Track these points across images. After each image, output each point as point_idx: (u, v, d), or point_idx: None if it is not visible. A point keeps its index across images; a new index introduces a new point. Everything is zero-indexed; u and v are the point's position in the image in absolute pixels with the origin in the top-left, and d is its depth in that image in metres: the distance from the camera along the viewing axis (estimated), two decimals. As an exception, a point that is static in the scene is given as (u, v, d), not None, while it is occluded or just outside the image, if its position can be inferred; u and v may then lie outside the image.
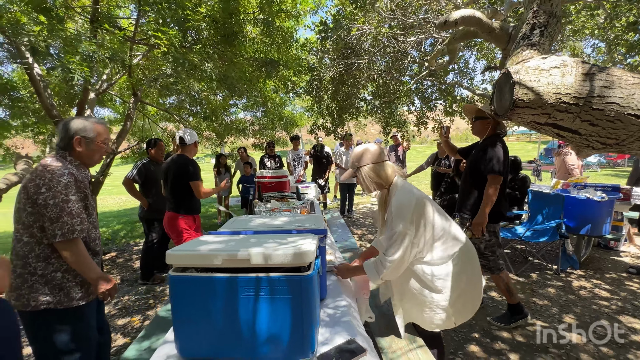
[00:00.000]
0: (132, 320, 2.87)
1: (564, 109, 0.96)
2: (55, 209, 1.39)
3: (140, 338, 1.79)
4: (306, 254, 1.00)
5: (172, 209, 2.99)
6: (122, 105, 7.01)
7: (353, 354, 1.08)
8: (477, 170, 2.39)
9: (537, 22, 1.42)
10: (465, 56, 5.19)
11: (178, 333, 1.07)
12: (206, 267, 1.05)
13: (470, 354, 2.23)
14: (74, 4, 3.95)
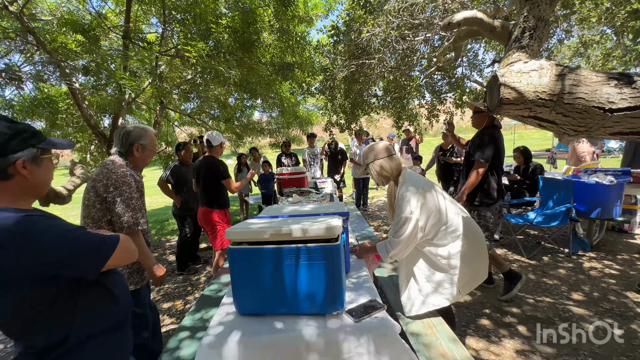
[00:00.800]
0: (175, 304, 3.24)
1: (541, 104, 1.18)
2: (122, 205, 1.70)
3: (192, 311, 2.10)
4: (335, 227, 1.26)
5: (205, 204, 3.32)
6: (147, 112, 7.47)
7: (374, 308, 1.34)
8: (468, 159, 2.69)
9: (527, 26, 1.63)
10: (474, 48, 5.30)
11: (236, 295, 1.36)
12: (256, 241, 1.33)
13: (481, 327, 2.45)
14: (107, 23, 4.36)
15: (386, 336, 1.22)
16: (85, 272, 0.93)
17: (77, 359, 0.93)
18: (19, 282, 0.83)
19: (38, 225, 0.86)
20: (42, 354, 0.90)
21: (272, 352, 1.19)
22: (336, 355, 1.18)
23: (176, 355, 1.65)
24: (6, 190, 0.89)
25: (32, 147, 0.91)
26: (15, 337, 0.92)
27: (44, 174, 0.96)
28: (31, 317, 0.87)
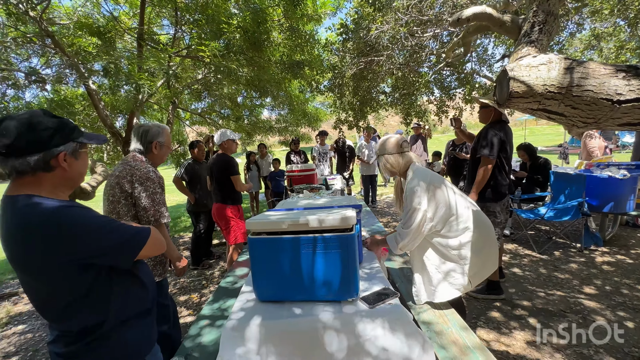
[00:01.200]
0: (191, 297, 3.35)
1: (550, 97, 1.22)
2: (147, 200, 1.79)
3: (210, 302, 2.19)
4: (350, 218, 1.33)
5: (219, 200, 3.42)
6: (159, 112, 7.63)
7: (388, 296, 1.40)
8: (474, 154, 2.68)
9: (536, 21, 1.65)
10: (483, 43, 5.28)
11: (256, 282, 1.44)
12: (274, 232, 1.39)
13: (492, 319, 2.48)
14: (122, 25, 4.49)
15: (399, 320, 1.28)
16: (120, 261, 0.99)
17: (111, 343, 0.98)
18: (60, 268, 0.89)
19: (79, 216, 0.92)
20: (78, 337, 0.95)
21: (292, 334, 1.26)
22: (352, 337, 1.25)
23: (198, 342, 1.74)
24: (47, 181, 0.94)
25: (73, 141, 0.97)
26: (54, 321, 0.97)
27: (80, 167, 1.02)
28: (70, 302, 0.93)
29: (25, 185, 0.91)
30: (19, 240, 0.88)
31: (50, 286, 0.91)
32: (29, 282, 0.95)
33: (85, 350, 0.95)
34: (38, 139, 0.89)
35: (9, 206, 0.90)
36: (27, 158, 0.88)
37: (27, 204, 0.88)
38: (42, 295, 0.95)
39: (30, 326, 3.03)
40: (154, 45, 3.93)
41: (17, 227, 0.88)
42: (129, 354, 1.02)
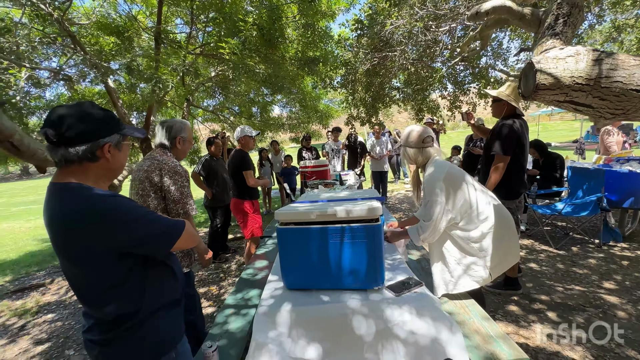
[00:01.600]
0: (210, 289, 3.44)
1: (578, 89, 1.23)
2: (177, 193, 1.86)
3: (233, 292, 2.26)
4: (377, 209, 1.36)
5: (235, 195, 3.49)
6: (173, 110, 7.77)
7: (413, 284, 1.44)
8: (488, 151, 2.58)
9: (560, 13, 1.65)
10: (498, 37, 5.20)
11: (284, 270, 1.49)
12: (302, 222, 1.44)
13: (510, 313, 2.49)
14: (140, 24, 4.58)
15: (426, 307, 1.31)
16: (157, 252, 1.03)
17: (144, 331, 1.00)
18: (100, 256, 0.92)
19: (122, 206, 0.95)
20: (113, 325, 0.96)
21: (321, 320, 1.31)
22: (380, 322, 1.29)
23: (225, 329, 1.80)
24: (92, 171, 0.97)
25: (117, 133, 1.00)
26: (91, 307, 0.98)
27: (122, 158, 1.05)
28: (106, 289, 0.95)
29: (71, 174, 0.94)
30: (63, 226, 0.91)
31: (90, 273, 0.94)
32: (70, 268, 0.97)
33: (119, 338, 0.97)
34: (87, 129, 0.92)
35: (56, 193, 0.93)
36: (75, 147, 0.91)
37: (73, 192, 0.92)
38: (81, 281, 0.97)
39: (59, 315, 3.17)
40: (170, 44, 4.01)
41: (62, 213, 0.91)
42: (161, 342, 1.04)
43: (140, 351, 1.00)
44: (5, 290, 3.92)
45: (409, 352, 1.24)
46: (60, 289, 3.82)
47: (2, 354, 2.59)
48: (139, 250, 0.97)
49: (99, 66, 3.90)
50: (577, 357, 1.97)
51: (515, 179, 2.50)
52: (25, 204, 14.00)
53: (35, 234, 7.27)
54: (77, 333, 2.80)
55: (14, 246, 6.20)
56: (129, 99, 5.82)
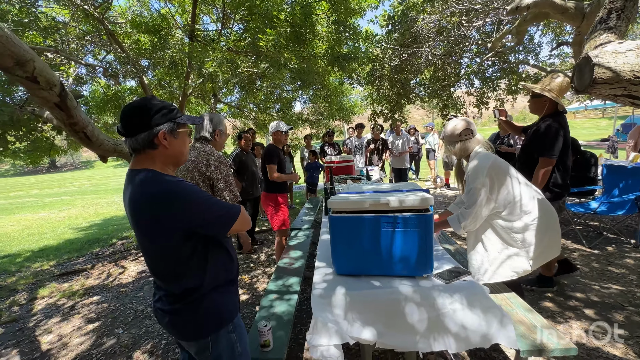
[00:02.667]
0: (242, 278, 3.58)
1: (638, 83, 1.23)
2: (223, 182, 1.97)
3: (273, 279, 2.37)
4: (429, 199, 1.42)
5: (266, 189, 3.60)
6: (197, 105, 7.98)
7: (461, 273, 1.49)
8: (529, 151, 2.44)
9: (613, 7, 1.64)
10: (530, 31, 5.08)
11: (335, 256, 1.57)
12: (354, 210, 1.51)
13: (545, 309, 2.49)
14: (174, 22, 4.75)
15: (476, 295, 1.36)
16: (217, 232, 1.13)
17: (207, 303, 1.12)
18: (171, 234, 1.03)
19: (189, 190, 1.05)
20: (180, 297, 1.09)
21: (374, 303, 1.38)
22: (432, 309, 1.35)
23: (272, 312, 1.91)
24: (157, 158, 1.07)
25: (170, 121, 1.08)
26: (163, 281, 1.12)
27: (180, 145, 1.13)
28: (175, 265, 1.07)
29: (142, 161, 1.07)
30: (140, 207, 1.03)
31: (161, 249, 1.06)
32: (146, 245, 1.09)
33: (186, 309, 1.10)
34: (142, 120, 1.04)
35: (133, 178, 1.06)
36: (137, 137, 1.03)
37: (147, 177, 1.03)
38: (155, 256, 1.09)
39: (104, 297, 3.39)
40: (204, 41, 4.15)
41: (139, 196, 1.03)
42: (222, 314, 1.16)
43: (204, 321, 1.12)
44: (52, 273, 4.20)
45: (459, 339, 1.30)
46: (102, 274, 4.06)
47: (59, 329, 2.80)
48: (202, 230, 1.08)
49: (137, 63, 4.09)
50: (618, 353, 1.97)
51: (557, 179, 2.41)
52: (57, 195, 14.74)
53: (71, 223, 7.68)
54: (123, 314, 2.99)
55: (53, 234, 6.58)
56: (158, 95, 6.04)
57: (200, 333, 1.12)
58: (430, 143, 9.07)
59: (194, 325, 1.12)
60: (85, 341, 2.59)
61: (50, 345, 2.59)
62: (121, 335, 2.63)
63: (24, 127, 3.09)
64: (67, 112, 1.60)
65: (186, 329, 1.12)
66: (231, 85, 6.63)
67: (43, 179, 29.04)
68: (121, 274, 4.01)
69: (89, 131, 1.74)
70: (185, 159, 1.22)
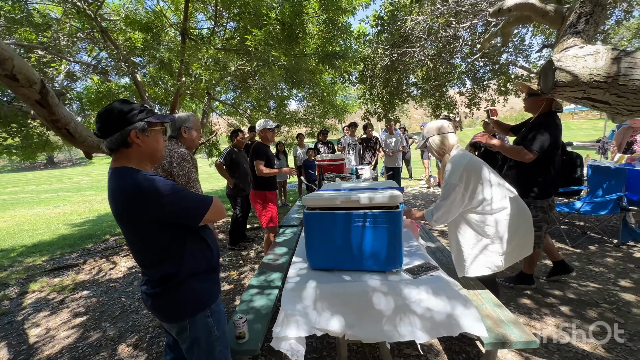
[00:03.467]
0: (231, 274, 3.63)
1: (596, 86, 1.28)
2: (184, 178, 1.99)
3: (257, 274, 2.42)
4: (398, 196, 1.47)
5: (254, 187, 3.64)
6: (193, 103, 8.00)
7: (429, 268, 1.54)
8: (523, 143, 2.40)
9: (583, 11, 1.69)
10: (520, 33, 5.12)
11: (309, 252, 1.62)
12: (328, 207, 1.56)
13: (522, 305, 2.55)
14: (167, 20, 4.77)
15: (442, 288, 1.41)
16: (190, 222, 1.20)
17: (185, 289, 1.20)
18: (148, 225, 1.12)
19: (161, 184, 1.12)
20: (160, 282, 1.19)
21: (343, 295, 1.43)
22: (399, 299, 1.40)
23: (251, 305, 1.96)
24: (131, 156, 1.16)
25: (141, 120, 1.16)
26: (144, 267, 1.23)
27: (153, 143, 1.21)
28: (155, 253, 1.17)
29: (119, 160, 1.16)
30: (119, 201, 1.13)
31: (141, 239, 1.16)
32: (128, 236, 1.19)
33: (166, 293, 1.19)
34: (114, 121, 1.13)
35: (111, 175, 1.16)
36: (111, 137, 1.13)
37: (122, 174, 1.13)
38: (135, 245, 1.19)
39: (94, 292, 3.43)
40: (196, 39, 4.18)
41: (117, 191, 1.13)
42: (197, 299, 1.24)
43: (182, 305, 1.21)
44: (43, 268, 4.24)
45: (425, 325, 1.35)
46: (93, 269, 4.10)
47: (47, 323, 2.85)
48: (176, 220, 1.16)
49: (129, 60, 4.11)
50: (587, 348, 2.03)
51: (548, 178, 2.43)
52: (53, 191, 14.74)
53: (65, 219, 7.71)
54: (111, 308, 3.04)
55: (47, 230, 6.61)
56: (153, 92, 6.07)
57: (178, 316, 1.22)
58: (425, 142, 9.13)
59: (173, 309, 1.21)
60: (71, 334, 2.64)
61: (37, 338, 2.63)
62: (107, 329, 2.68)
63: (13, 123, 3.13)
64: (48, 109, 1.64)
65: (166, 312, 1.22)
66: (223, 83, 6.67)
67: (40, 175, 28.99)
68: (112, 270, 4.05)
69: (72, 128, 1.78)
70: (161, 155, 1.29)
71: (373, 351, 2.11)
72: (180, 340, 1.27)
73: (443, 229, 4.64)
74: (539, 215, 2.48)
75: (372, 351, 2.11)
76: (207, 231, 1.33)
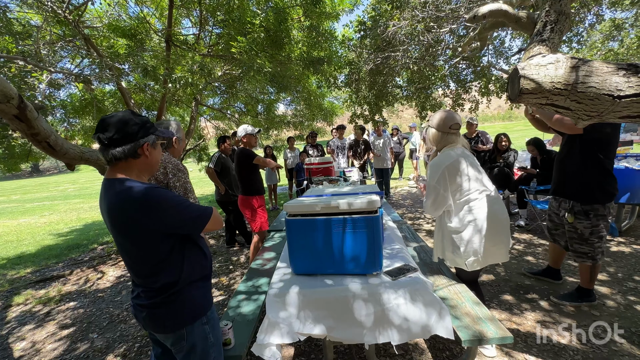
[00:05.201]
0: (221, 280, 3.63)
1: (557, 93, 1.36)
2: (181, 189, 2.01)
3: (244, 280, 2.44)
4: (376, 201, 1.52)
5: (242, 192, 3.66)
6: (181, 108, 7.95)
7: (408, 270, 1.59)
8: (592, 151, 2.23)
9: (548, 20, 1.77)
10: (500, 36, 5.27)
11: (292, 257, 1.65)
12: (309, 213, 1.60)
13: (504, 302, 2.63)
14: (150, 26, 4.76)
15: (419, 290, 1.47)
16: (192, 232, 1.24)
17: (183, 297, 1.22)
18: (152, 235, 1.14)
19: (163, 195, 1.15)
20: (159, 292, 1.19)
21: (326, 300, 1.48)
22: (378, 305, 1.45)
23: (238, 311, 1.98)
24: (135, 167, 1.18)
25: (152, 134, 1.21)
26: (141, 278, 1.22)
27: (157, 155, 1.27)
28: (154, 263, 1.17)
29: (119, 170, 1.16)
30: (120, 213, 1.12)
31: (143, 249, 1.16)
32: (126, 246, 1.18)
33: (165, 302, 1.19)
34: (130, 132, 1.14)
35: (110, 187, 1.14)
36: (122, 147, 1.13)
37: (124, 185, 1.13)
38: (134, 256, 1.19)
39: (81, 303, 3.39)
40: (181, 46, 4.18)
41: (120, 202, 1.11)
42: (196, 307, 1.26)
43: (180, 314, 1.22)
44: (28, 280, 4.16)
45: (401, 328, 1.40)
46: (80, 280, 4.05)
47: (32, 336, 2.81)
48: (180, 230, 1.20)
49: (112, 67, 4.09)
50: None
51: (608, 180, 2.23)
52: (39, 200, 14.40)
53: (51, 228, 7.55)
54: (99, 319, 3.01)
55: (32, 240, 6.48)
56: (139, 99, 6.02)
57: (177, 325, 1.22)
58: (414, 143, 9.26)
59: (172, 318, 1.22)
60: (58, 347, 2.61)
61: (22, 352, 2.59)
62: (95, 340, 2.66)
63: (-6, 134, 3.07)
64: (27, 123, 1.63)
65: (164, 322, 1.22)
66: (210, 88, 6.66)
67: (25, 184, 28.26)
68: (99, 279, 4.00)
69: (52, 140, 1.77)
70: (157, 168, 1.32)
71: (359, 352, 2.15)
72: (175, 349, 1.27)
73: (430, 227, 4.73)
74: (600, 224, 2.27)
75: (358, 352, 2.15)
76: (201, 239, 1.36)
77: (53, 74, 3.26)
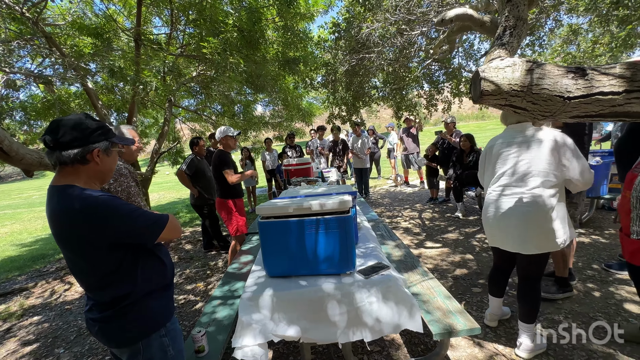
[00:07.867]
0: (197, 286, 3.54)
1: (514, 95, 1.43)
2: (123, 194, 1.91)
3: (220, 285, 2.40)
4: (347, 202, 1.53)
5: (219, 195, 3.59)
6: (155, 110, 7.69)
7: (381, 268, 1.63)
8: None
9: (507, 25, 1.87)
10: (469, 39, 5.49)
11: (266, 260, 1.64)
12: (282, 215, 1.60)
13: (476, 295, 2.74)
14: (118, 25, 4.57)
15: (391, 287, 1.50)
16: (145, 242, 1.17)
17: (138, 309, 1.15)
18: (98, 247, 1.06)
19: (112, 204, 1.08)
20: (110, 305, 1.11)
21: (299, 302, 1.48)
22: (351, 304, 1.47)
23: (213, 317, 1.95)
24: (83, 173, 1.10)
25: (106, 140, 1.14)
26: (90, 291, 1.15)
27: (110, 163, 1.19)
28: (104, 275, 1.10)
29: (65, 176, 1.08)
30: (64, 222, 1.05)
31: (89, 261, 1.08)
32: (72, 258, 1.11)
33: (117, 316, 1.11)
34: (78, 136, 1.07)
35: (55, 194, 1.07)
36: (68, 151, 1.05)
37: (70, 193, 1.05)
38: (82, 268, 1.11)
39: (46, 317, 3.20)
40: (151, 45, 4.04)
41: (62, 211, 1.04)
42: (152, 319, 1.18)
43: (134, 327, 1.14)
44: (-14, 295, 3.87)
45: (373, 326, 1.43)
46: (45, 292, 3.82)
47: (-10, 355, 2.62)
48: (129, 240, 1.11)
49: (77, 67, 3.89)
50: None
51: None
52: (0, 209, 13.45)
53: (13, 239, 7.08)
54: (66, 333, 2.85)
55: (-9, 252, 6.04)
56: (108, 100, 5.77)
57: (131, 339, 1.14)
58: (391, 142, 9.44)
59: (125, 331, 1.14)
60: (20, 365, 2.45)
61: (-21, 373, 2.42)
62: (61, 355, 2.52)
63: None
64: (-24, 127, 1.52)
65: (117, 336, 1.14)
66: (184, 89, 6.49)
67: (-17, 192, 26.27)
68: (67, 291, 3.80)
69: (6, 146, 1.65)
70: (110, 176, 1.24)
71: (337, 351, 2.17)
72: None
73: (408, 225, 4.84)
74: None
75: (336, 351, 2.17)
76: (160, 247, 1.28)
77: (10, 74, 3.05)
